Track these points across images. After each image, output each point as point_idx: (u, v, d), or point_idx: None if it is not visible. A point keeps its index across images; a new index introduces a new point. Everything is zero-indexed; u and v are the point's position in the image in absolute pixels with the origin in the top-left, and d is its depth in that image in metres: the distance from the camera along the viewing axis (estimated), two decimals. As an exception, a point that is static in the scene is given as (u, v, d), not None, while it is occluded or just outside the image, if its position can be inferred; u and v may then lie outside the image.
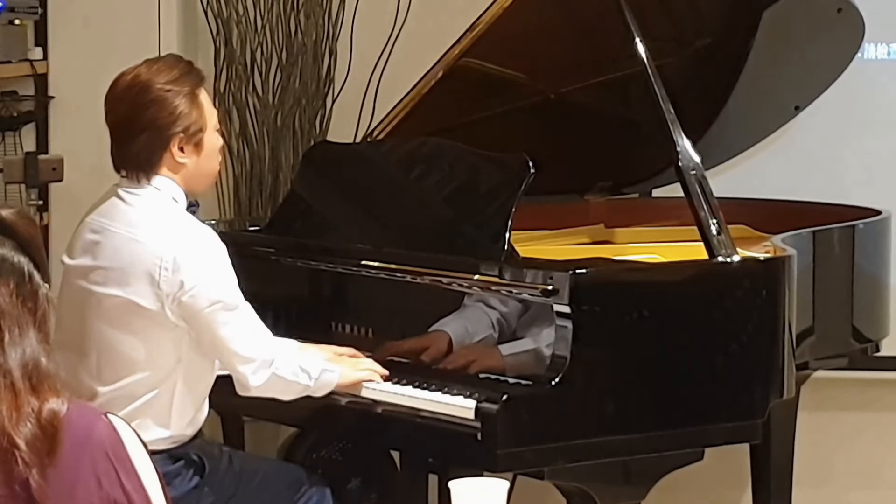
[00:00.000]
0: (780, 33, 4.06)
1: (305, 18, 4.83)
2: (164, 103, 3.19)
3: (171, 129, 3.20)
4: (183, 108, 3.21)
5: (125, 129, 3.22)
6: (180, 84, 3.23)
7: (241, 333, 3.18)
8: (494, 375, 3.33)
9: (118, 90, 3.26)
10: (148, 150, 3.21)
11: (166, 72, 3.24)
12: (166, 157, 3.21)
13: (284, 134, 4.83)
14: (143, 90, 3.21)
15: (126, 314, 3.14)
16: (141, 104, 3.20)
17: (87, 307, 3.19)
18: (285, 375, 3.23)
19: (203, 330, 3.15)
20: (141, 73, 3.25)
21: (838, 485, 5.03)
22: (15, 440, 2.05)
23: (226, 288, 3.17)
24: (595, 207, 4.39)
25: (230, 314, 3.16)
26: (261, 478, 3.33)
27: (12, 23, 4.55)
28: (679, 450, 3.35)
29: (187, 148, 3.23)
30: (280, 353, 3.24)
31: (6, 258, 2.14)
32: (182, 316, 3.14)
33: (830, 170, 4.91)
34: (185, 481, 3.20)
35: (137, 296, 3.13)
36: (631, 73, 3.75)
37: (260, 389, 3.22)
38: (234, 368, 3.20)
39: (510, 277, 3.31)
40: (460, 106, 4.06)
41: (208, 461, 3.24)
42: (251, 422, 4.12)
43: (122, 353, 3.15)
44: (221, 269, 3.18)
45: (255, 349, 3.19)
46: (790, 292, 3.48)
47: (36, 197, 4.46)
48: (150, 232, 3.17)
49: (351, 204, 3.80)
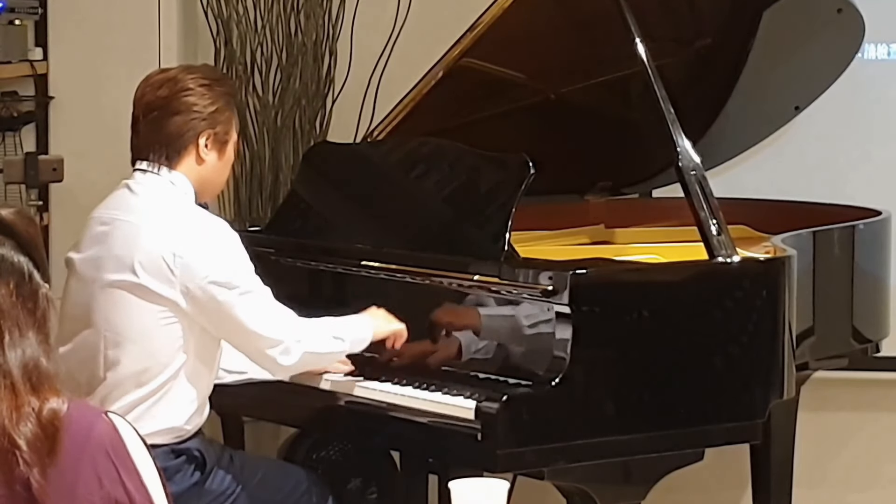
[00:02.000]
0: (780, 33, 4.06)
1: (305, 18, 4.83)
2: (201, 95, 3.22)
3: (204, 121, 3.22)
4: (218, 105, 3.24)
5: (159, 110, 3.21)
6: (219, 85, 3.28)
7: (263, 316, 3.17)
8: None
9: (154, 79, 3.27)
10: (177, 134, 3.20)
11: (206, 72, 3.31)
12: (192, 147, 3.22)
13: (284, 134, 4.83)
14: (182, 80, 3.23)
15: (136, 301, 3.13)
16: (178, 91, 3.22)
17: (96, 296, 3.18)
18: (318, 349, 3.25)
19: (223, 318, 3.14)
20: (178, 70, 3.30)
21: (838, 485, 5.03)
22: (15, 440, 2.05)
23: (240, 273, 3.17)
24: (595, 207, 4.39)
25: (247, 298, 3.15)
26: (260, 478, 3.33)
27: (12, 23, 4.55)
28: (679, 450, 3.35)
29: (212, 147, 3.24)
30: (306, 329, 3.24)
31: (6, 258, 2.14)
32: (199, 305, 3.12)
33: (830, 170, 4.91)
34: (186, 477, 3.19)
35: (150, 281, 3.11)
36: (631, 74, 3.75)
37: (294, 368, 3.23)
38: (261, 353, 3.20)
39: (510, 278, 3.31)
40: (460, 106, 4.06)
41: (209, 458, 3.23)
42: (251, 422, 4.12)
43: (128, 340, 3.14)
44: (235, 256, 3.18)
45: (281, 330, 3.19)
46: (790, 293, 3.48)
47: (36, 197, 4.46)
48: (161, 219, 3.17)
49: (351, 204, 3.80)
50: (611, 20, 3.63)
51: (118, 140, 3.61)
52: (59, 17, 4.73)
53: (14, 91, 4.70)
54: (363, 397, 3.37)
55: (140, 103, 3.24)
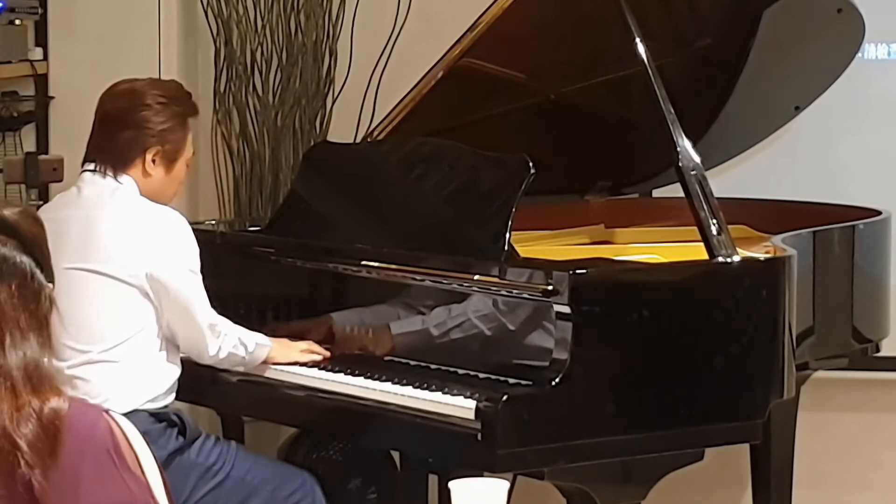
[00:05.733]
0: (780, 33, 4.06)
1: (305, 18, 4.83)
2: (156, 112, 3.39)
3: (154, 137, 3.39)
4: (171, 124, 3.41)
5: (112, 122, 3.40)
6: (177, 104, 3.44)
7: (205, 305, 3.36)
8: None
9: (118, 89, 3.47)
10: (126, 147, 3.38)
11: (167, 89, 3.47)
12: (139, 161, 3.40)
13: (284, 134, 4.83)
14: (142, 94, 3.41)
15: (98, 285, 3.28)
16: (136, 105, 3.39)
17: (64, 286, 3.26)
18: (227, 347, 3.40)
19: (175, 300, 3.30)
20: (144, 83, 3.48)
21: (838, 485, 5.03)
22: (16, 441, 2.05)
23: (192, 259, 3.35)
24: (595, 207, 4.39)
25: (196, 286, 3.34)
26: (250, 467, 3.37)
27: (12, 23, 4.54)
28: (679, 450, 3.35)
29: (159, 163, 3.41)
30: (225, 325, 3.41)
31: (8, 258, 2.14)
32: (153, 288, 3.28)
33: (830, 170, 4.91)
34: (170, 441, 3.29)
35: (111, 269, 3.27)
36: (631, 74, 3.75)
37: (217, 359, 3.39)
38: (201, 337, 3.36)
39: (510, 277, 3.31)
40: (460, 106, 4.06)
41: (188, 425, 3.33)
42: (251, 422, 4.12)
43: (96, 320, 3.28)
44: (187, 243, 3.36)
45: (216, 319, 3.38)
46: (790, 292, 3.48)
47: (36, 197, 4.46)
48: (114, 208, 3.34)
49: (351, 204, 3.80)
50: (611, 20, 3.63)
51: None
52: (59, 17, 4.73)
53: (14, 91, 4.69)
54: (363, 397, 3.37)
55: (100, 110, 3.45)
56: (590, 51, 4.04)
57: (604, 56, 4.02)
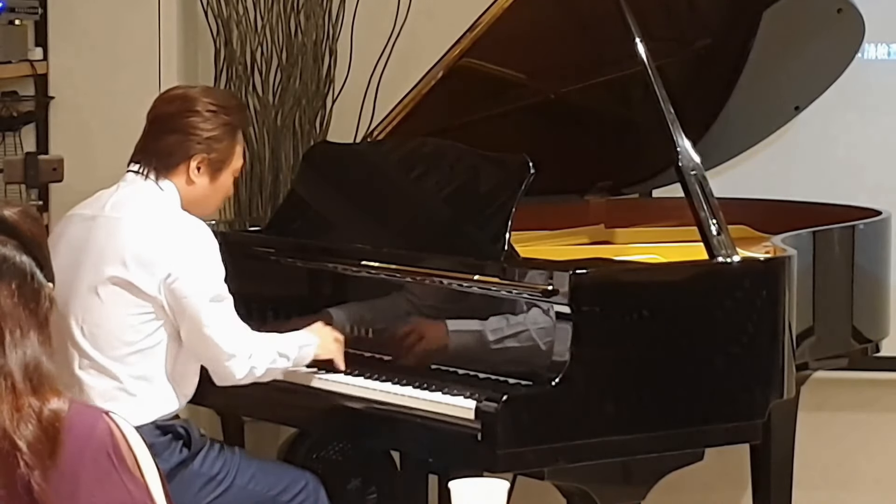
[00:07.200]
0: (780, 33, 4.06)
1: (305, 18, 4.83)
2: (205, 119, 3.33)
3: (200, 144, 3.32)
4: (218, 133, 3.35)
5: (161, 125, 3.35)
6: (227, 113, 3.37)
7: (226, 328, 3.25)
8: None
9: (171, 94, 3.44)
10: (170, 151, 3.32)
11: (219, 98, 3.41)
12: (182, 167, 3.33)
13: (284, 134, 4.83)
14: (193, 101, 3.35)
15: (115, 294, 3.20)
16: (186, 110, 3.34)
17: (75, 288, 3.24)
18: (263, 365, 3.30)
19: (190, 320, 3.22)
20: (197, 90, 3.44)
21: (838, 485, 5.03)
22: (16, 442, 2.05)
23: (214, 280, 3.24)
24: (595, 208, 4.39)
25: (216, 307, 3.24)
26: (254, 472, 3.35)
27: (12, 23, 4.54)
28: (679, 450, 3.35)
29: (204, 171, 3.34)
30: (257, 344, 3.31)
31: (8, 258, 2.14)
32: (170, 304, 3.20)
33: (830, 170, 4.91)
34: (174, 454, 3.24)
35: (131, 276, 3.19)
36: (631, 74, 3.75)
37: (241, 381, 3.30)
38: (217, 362, 3.27)
39: (510, 278, 3.31)
40: (460, 106, 4.06)
41: (193, 436, 3.29)
42: (251, 422, 4.13)
43: (111, 326, 3.21)
44: (211, 261, 3.25)
45: (238, 344, 3.27)
46: (790, 293, 3.48)
47: (36, 197, 4.46)
48: (146, 218, 3.25)
49: (351, 204, 3.80)
50: (611, 20, 3.63)
51: (118, 140, 3.62)
52: (59, 17, 4.73)
53: (14, 91, 4.69)
54: (363, 397, 3.37)
55: (151, 112, 3.39)
56: (590, 51, 4.04)
57: (604, 56, 4.02)
